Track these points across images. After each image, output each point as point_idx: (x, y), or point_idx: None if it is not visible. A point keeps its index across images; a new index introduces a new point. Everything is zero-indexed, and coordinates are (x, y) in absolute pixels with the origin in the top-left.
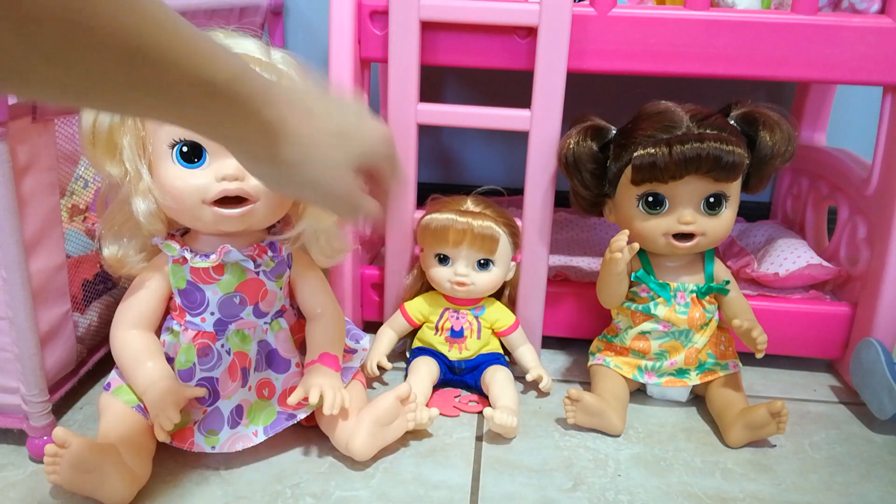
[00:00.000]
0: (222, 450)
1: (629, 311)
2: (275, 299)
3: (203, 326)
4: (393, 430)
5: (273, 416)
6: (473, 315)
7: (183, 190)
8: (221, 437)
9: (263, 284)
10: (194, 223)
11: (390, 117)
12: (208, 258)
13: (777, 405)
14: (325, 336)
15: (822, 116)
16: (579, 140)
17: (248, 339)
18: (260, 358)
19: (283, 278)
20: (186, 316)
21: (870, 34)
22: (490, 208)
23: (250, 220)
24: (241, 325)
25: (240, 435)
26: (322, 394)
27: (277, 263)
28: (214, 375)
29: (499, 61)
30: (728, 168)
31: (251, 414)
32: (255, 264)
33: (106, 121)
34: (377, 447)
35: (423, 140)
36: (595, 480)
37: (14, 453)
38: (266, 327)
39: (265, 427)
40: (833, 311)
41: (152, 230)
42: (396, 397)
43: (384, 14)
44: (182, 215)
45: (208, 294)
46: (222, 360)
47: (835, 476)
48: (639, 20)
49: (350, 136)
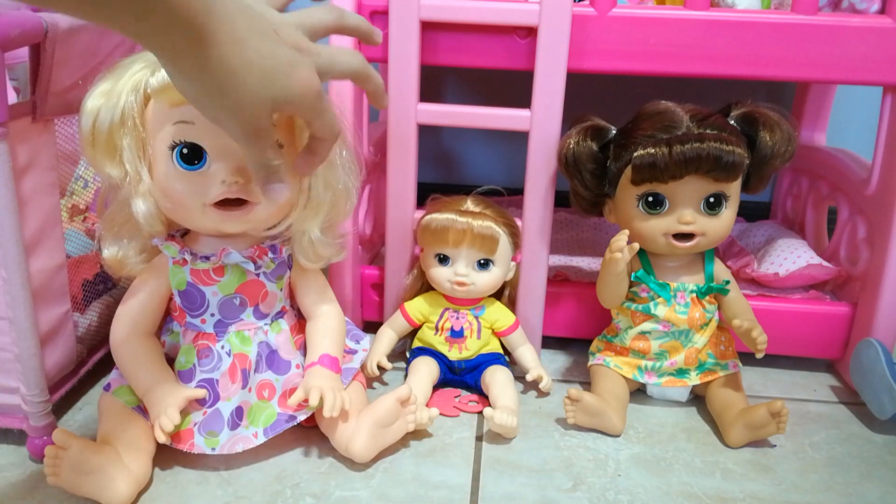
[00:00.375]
0: (222, 451)
1: (629, 311)
2: (275, 300)
3: (203, 328)
4: (393, 431)
5: (273, 418)
6: (473, 315)
7: (183, 192)
8: (221, 439)
9: (264, 286)
10: (195, 225)
11: (390, 117)
12: (208, 260)
13: (777, 405)
14: (326, 337)
15: (822, 116)
16: (579, 140)
17: (249, 340)
18: (260, 359)
19: (284, 279)
20: (186, 317)
21: (870, 34)
22: (490, 208)
23: (251, 221)
24: (241, 327)
25: (240, 436)
26: (322, 396)
27: (278, 265)
28: (214, 377)
29: (499, 61)
30: (728, 168)
31: (251, 415)
32: (256, 266)
33: (106, 122)
34: (377, 449)
35: (423, 140)
36: (595, 480)
37: (14, 453)
38: (266, 328)
39: (265, 428)
40: (833, 311)
41: (152, 231)
42: (397, 399)
43: (384, 14)
44: (182, 217)
45: (208, 295)
46: (222, 362)
47: (835, 476)
48: (639, 20)
49: (275, 78)
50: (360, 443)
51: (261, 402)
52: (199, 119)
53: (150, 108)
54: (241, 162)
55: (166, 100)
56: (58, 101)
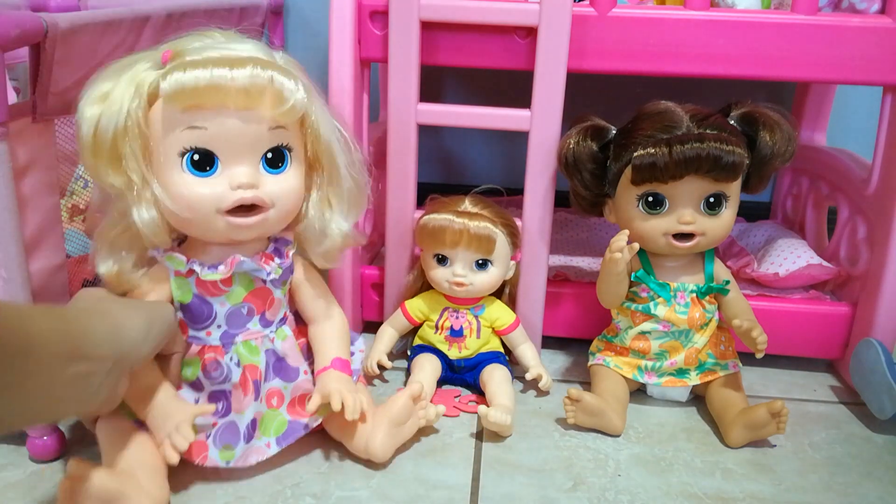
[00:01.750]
0: (237, 465)
1: (629, 311)
2: (280, 307)
3: (209, 340)
4: (408, 428)
5: (284, 426)
6: (473, 314)
7: (196, 199)
8: (237, 452)
9: (271, 293)
10: (205, 233)
11: (390, 117)
12: (217, 270)
13: (777, 405)
14: (334, 340)
15: (822, 116)
16: (579, 140)
17: (257, 349)
18: (268, 368)
19: (287, 285)
20: (189, 331)
21: (870, 34)
22: (488, 208)
23: (263, 227)
24: (247, 336)
25: (253, 448)
26: (343, 400)
27: (284, 270)
28: (227, 388)
29: (499, 61)
30: (728, 168)
31: (263, 425)
32: (266, 273)
33: (109, 129)
34: (394, 447)
35: (423, 140)
36: (595, 480)
37: (14, 453)
38: (273, 336)
39: (277, 438)
40: (833, 311)
41: (156, 242)
42: (410, 396)
43: (384, 14)
44: (192, 225)
45: (216, 306)
46: (233, 373)
47: (835, 476)
48: (639, 20)
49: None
50: (378, 442)
51: (270, 411)
52: (211, 124)
53: (157, 110)
54: (254, 166)
55: (179, 104)
56: (58, 101)
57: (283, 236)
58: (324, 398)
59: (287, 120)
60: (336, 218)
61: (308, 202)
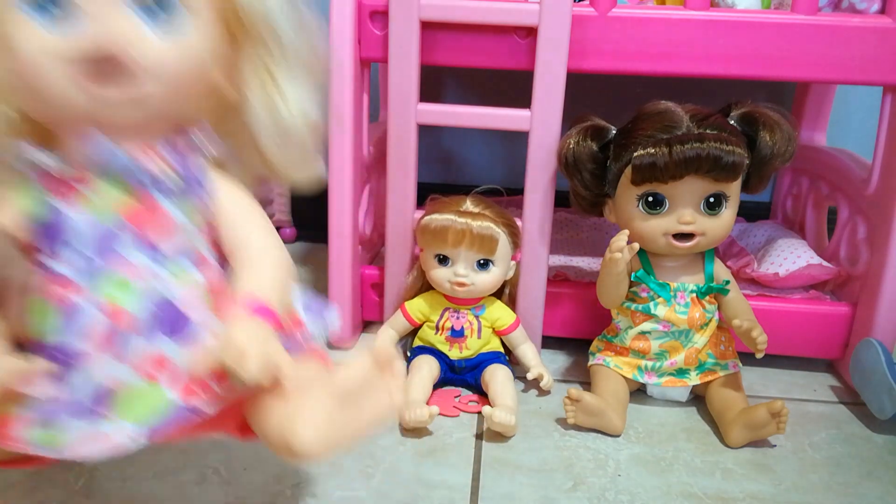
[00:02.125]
0: (68, 454)
1: (629, 311)
2: (183, 236)
3: (65, 272)
4: (364, 410)
5: (161, 408)
6: (474, 314)
7: (36, 47)
8: (69, 435)
9: (163, 210)
10: (52, 107)
11: (390, 117)
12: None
13: (777, 405)
14: (258, 280)
15: (822, 116)
16: (579, 140)
17: (131, 288)
18: (151, 320)
19: (200, 210)
20: (38, 257)
21: (870, 34)
22: (489, 208)
23: (141, 105)
24: (121, 269)
25: (99, 433)
26: (242, 352)
27: (186, 181)
28: (72, 341)
29: (499, 61)
30: (728, 168)
31: (125, 403)
32: (151, 178)
33: None
34: (337, 438)
35: (423, 140)
36: (595, 480)
37: None
38: (166, 275)
39: (143, 423)
40: (833, 311)
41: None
42: (371, 360)
43: (384, 14)
44: (33, 96)
45: (75, 221)
46: (86, 320)
47: (835, 476)
48: (639, 20)
49: None
50: (309, 425)
51: (143, 384)
52: None
53: None
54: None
55: None
56: None
57: (190, 129)
58: (215, 353)
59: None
60: (288, 95)
61: (245, 86)
